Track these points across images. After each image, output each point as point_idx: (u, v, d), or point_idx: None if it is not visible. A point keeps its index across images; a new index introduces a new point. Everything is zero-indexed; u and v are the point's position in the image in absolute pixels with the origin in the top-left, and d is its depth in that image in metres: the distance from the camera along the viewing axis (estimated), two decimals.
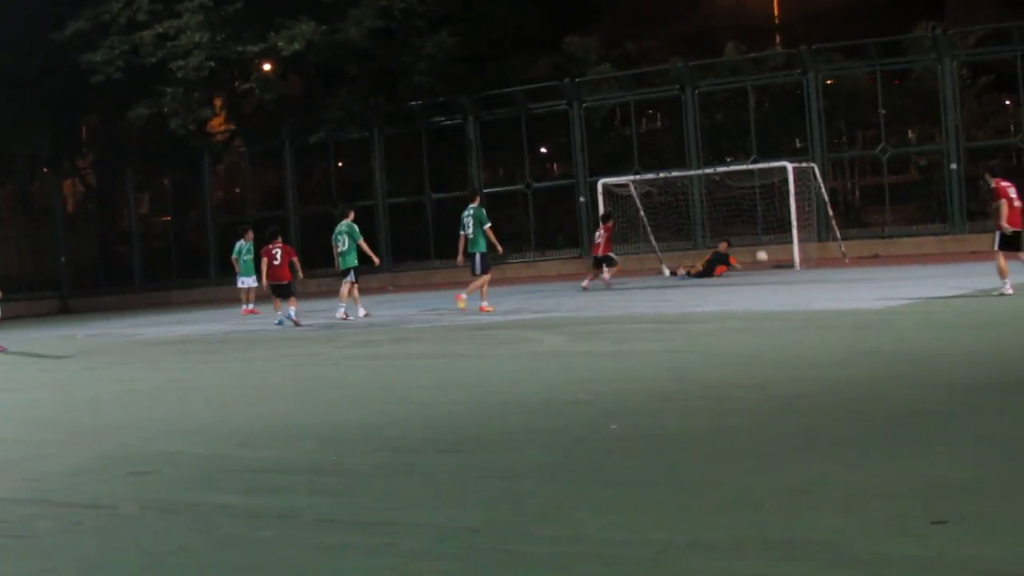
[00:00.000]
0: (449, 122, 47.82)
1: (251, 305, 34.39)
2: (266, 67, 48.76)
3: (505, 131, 47.30)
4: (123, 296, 52.11)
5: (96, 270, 55.89)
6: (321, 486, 9.01)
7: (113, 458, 10.75)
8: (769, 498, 7.56)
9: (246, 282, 34.56)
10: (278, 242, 28.96)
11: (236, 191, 57.69)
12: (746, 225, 40.04)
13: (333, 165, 52.01)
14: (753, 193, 39.39)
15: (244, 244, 35.05)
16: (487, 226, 26.23)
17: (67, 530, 8.17)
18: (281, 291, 28.85)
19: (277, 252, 28.74)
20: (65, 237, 56.14)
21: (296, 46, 43.57)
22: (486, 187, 46.98)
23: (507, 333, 20.81)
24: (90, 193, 58.86)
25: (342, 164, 52.99)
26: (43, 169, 57.71)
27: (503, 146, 48.82)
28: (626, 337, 18.90)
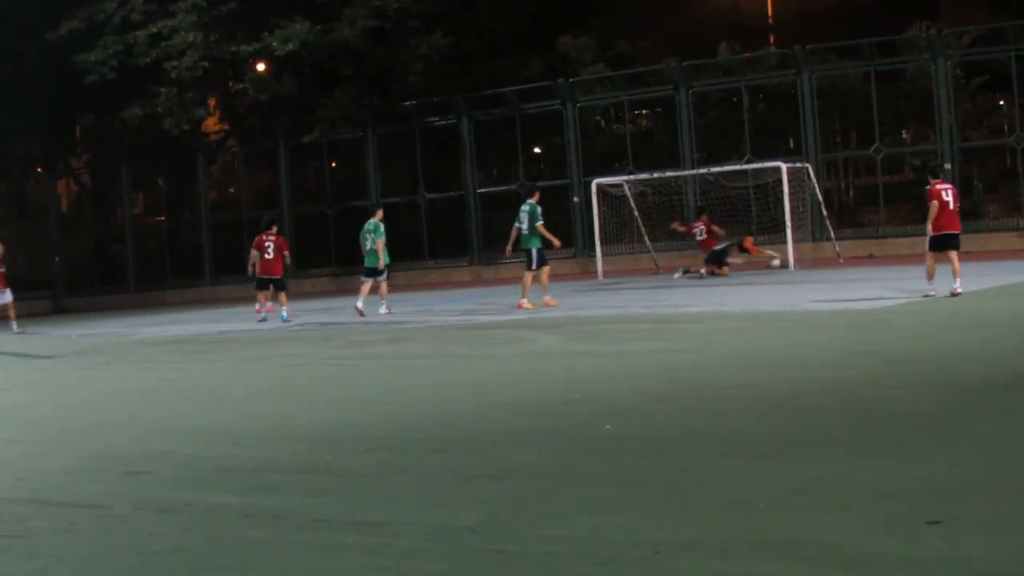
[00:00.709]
0: (443, 122, 47.79)
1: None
2: (260, 67, 48.70)
3: (499, 131, 47.27)
4: (117, 296, 52.07)
5: (90, 270, 55.82)
6: (315, 486, 9.01)
7: (108, 458, 10.74)
8: (764, 498, 7.57)
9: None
10: (272, 233, 28.86)
11: (230, 191, 57.64)
12: (740, 225, 39.99)
13: (327, 165, 51.95)
14: (747, 193, 39.37)
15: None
16: (539, 223, 26.24)
17: (62, 530, 8.17)
18: (272, 285, 28.84)
19: (270, 245, 28.68)
20: (59, 237, 56.10)
21: (290, 46, 43.51)
22: (480, 187, 47.03)
23: (503, 333, 20.81)
24: (84, 193, 58.80)
25: (336, 164, 52.94)
26: (37, 169, 57.67)
27: (497, 146, 48.80)
28: (621, 337, 18.89)
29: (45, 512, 8.73)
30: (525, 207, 26.57)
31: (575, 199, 44.10)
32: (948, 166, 38.59)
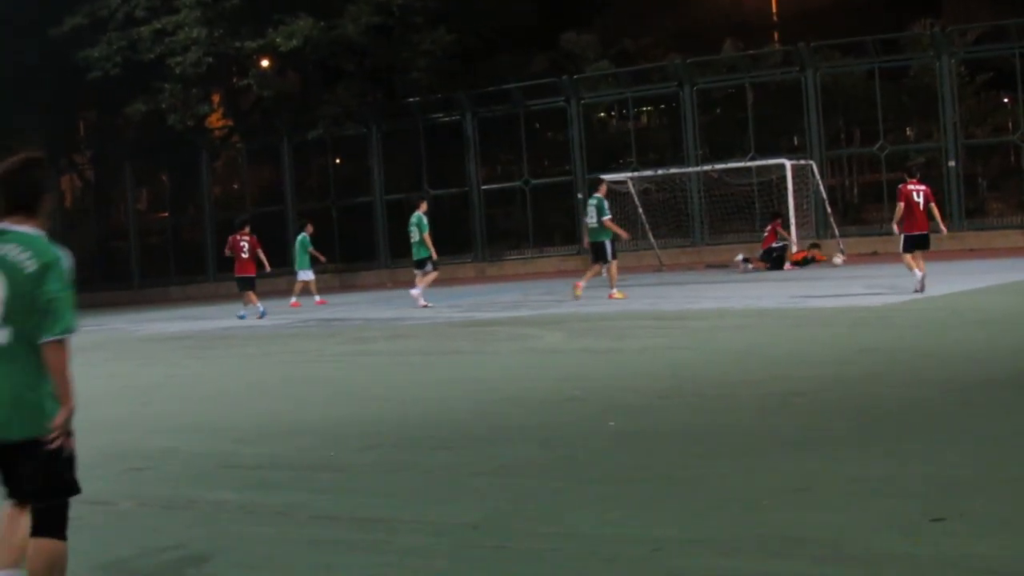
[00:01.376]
0: (447, 119, 47.75)
1: (318, 297, 34.23)
2: (264, 63, 48.70)
3: (503, 128, 47.24)
4: (121, 292, 52.07)
5: (93, 266, 55.80)
6: (317, 482, 9.02)
7: (110, 454, 10.74)
8: (766, 495, 7.56)
9: (306, 275, 34.46)
10: (246, 233, 29.07)
11: (234, 187, 57.59)
12: (744, 222, 39.97)
13: (331, 161, 51.94)
14: (751, 190, 39.37)
15: (305, 237, 34.96)
16: (607, 218, 26.22)
17: None
18: (244, 284, 29.03)
19: (245, 244, 28.86)
20: (62, 233, 56.12)
21: (294, 42, 43.49)
22: (484, 184, 47.00)
23: (505, 330, 20.81)
24: (88, 189, 58.80)
25: (340, 160, 52.93)
26: None
27: (501, 143, 48.76)
28: (624, 334, 18.89)
29: None
30: (592, 201, 26.61)
31: (579, 196, 44.04)
32: (952, 164, 38.56)
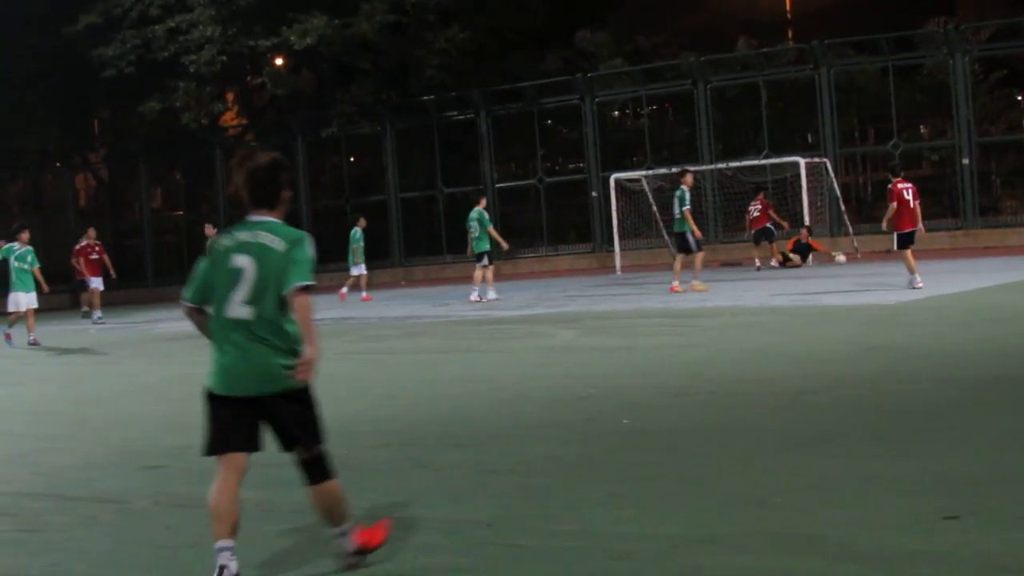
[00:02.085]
0: (461, 117, 47.76)
1: (364, 292, 34.42)
2: (278, 61, 48.77)
3: (517, 126, 47.24)
4: (135, 290, 52.16)
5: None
6: None
7: (124, 452, 10.77)
8: (779, 493, 7.56)
9: (358, 269, 34.63)
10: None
11: None
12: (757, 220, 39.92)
13: (345, 159, 52.00)
14: (765, 188, 39.33)
15: (359, 231, 35.00)
16: (686, 208, 26.27)
17: (79, 524, 8.19)
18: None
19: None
20: (77, 231, 56.21)
21: (308, 40, 43.51)
22: (498, 182, 46.98)
23: (519, 328, 20.81)
24: (102, 187, 58.94)
25: (354, 159, 52.99)
26: (55, 163, 57.79)
27: (515, 141, 48.75)
28: (638, 332, 18.89)
29: (62, 507, 8.75)
30: (676, 192, 26.68)
31: (593, 194, 44.04)
32: (966, 161, 38.49)
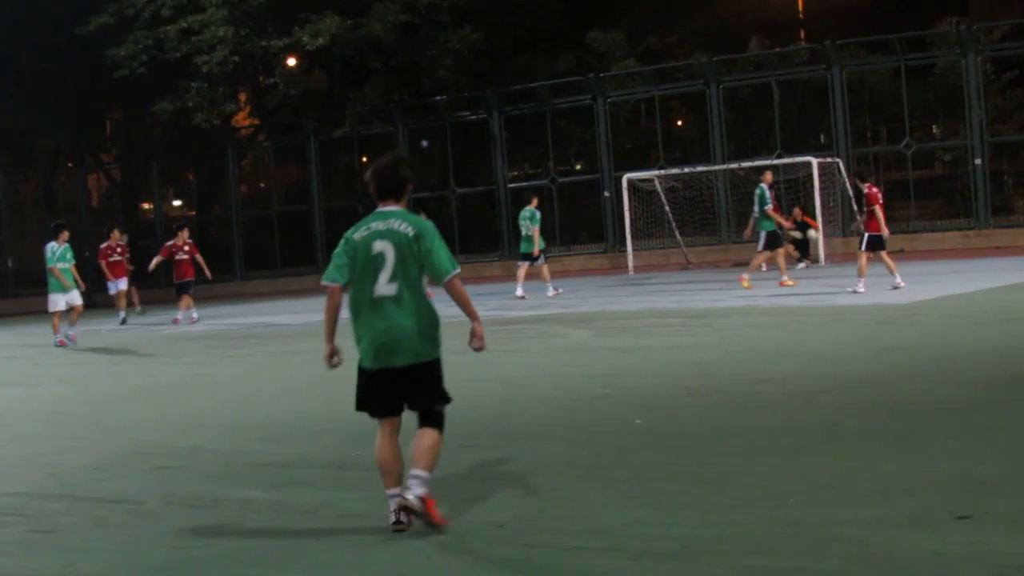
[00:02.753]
0: (473, 117, 47.74)
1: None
2: (290, 62, 48.76)
3: (529, 126, 47.20)
4: (147, 291, 52.18)
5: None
6: (344, 481, 9.05)
7: (137, 453, 10.79)
8: (793, 493, 7.56)
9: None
10: (186, 236, 29.47)
11: (261, 186, 57.72)
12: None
13: (357, 160, 51.95)
14: (778, 188, 39.27)
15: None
16: (768, 207, 26.34)
17: (92, 525, 8.21)
18: (185, 288, 29.35)
19: (187, 247, 29.28)
20: (89, 232, 56.30)
21: (320, 40, 43.51)
22: (510, 182, 46.96)
23: (532, 328, 20.79)
24: (114, 188, 58.97)
25: (366, 159, 52.93)
26: (67, 164, 57.86)
27: (527, 141, 48.72)
28: (651, 332, 18.89)
29: (75, 507, 8.77)
30: (757, 191, 26.82)
31: (606, 194, 44.00)
32: (979, 162, 38.42)
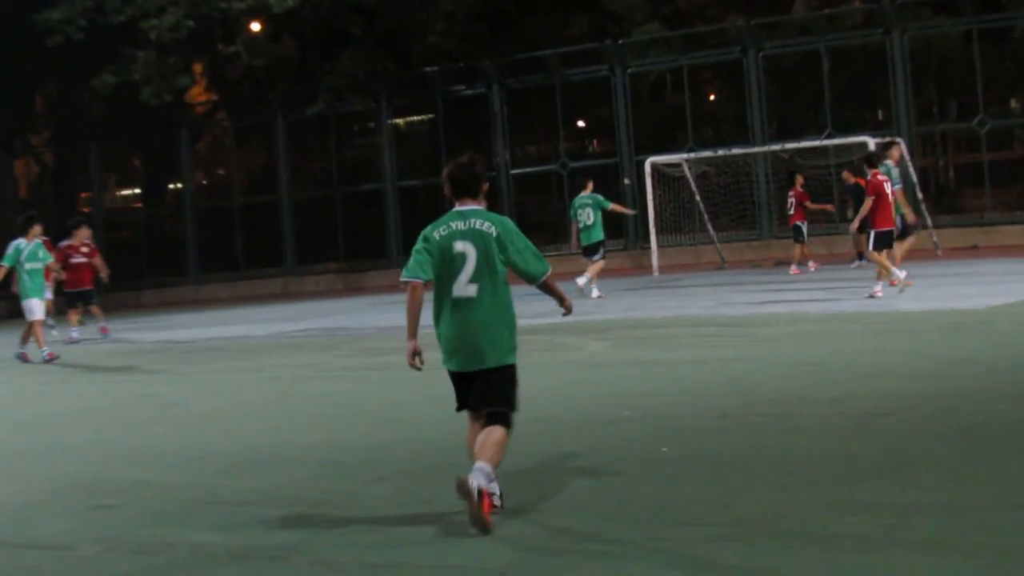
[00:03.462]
0: (470, 91, 47.74)
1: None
2: (254, 27, 48.78)
3: (536, 102, 47.22)
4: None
5: None
6: (319, 521, 9.00)
7: (73, 488, 10.75)
8: (850, 534, 7.51)
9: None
10: (85, 236, 29.20)
11: (220, 173, 57.76)
12: (820, 211, 39.84)
13: (333, 142, 52.02)
14: (828, 174, 39.17)
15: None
16: (897, 187, 26.34)
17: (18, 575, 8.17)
18: (82, 299, 29.03)
19: (84, 250, 29.02)
20: (12, 226, 56.27)
21: (290, 2, 43.52)
22: (514, 167, 46.95)
23: (541, 339, 20.73)
24: (46, 175, 58.98)
25: (344, 141, 53.02)
26: None
27: (533, 119, 48.77)
28: (679, 343, 18.86)
29: None
30: (881, 168, 26.77)
31: (626, 181, 44.02)
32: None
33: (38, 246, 24.63)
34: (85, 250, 29.00)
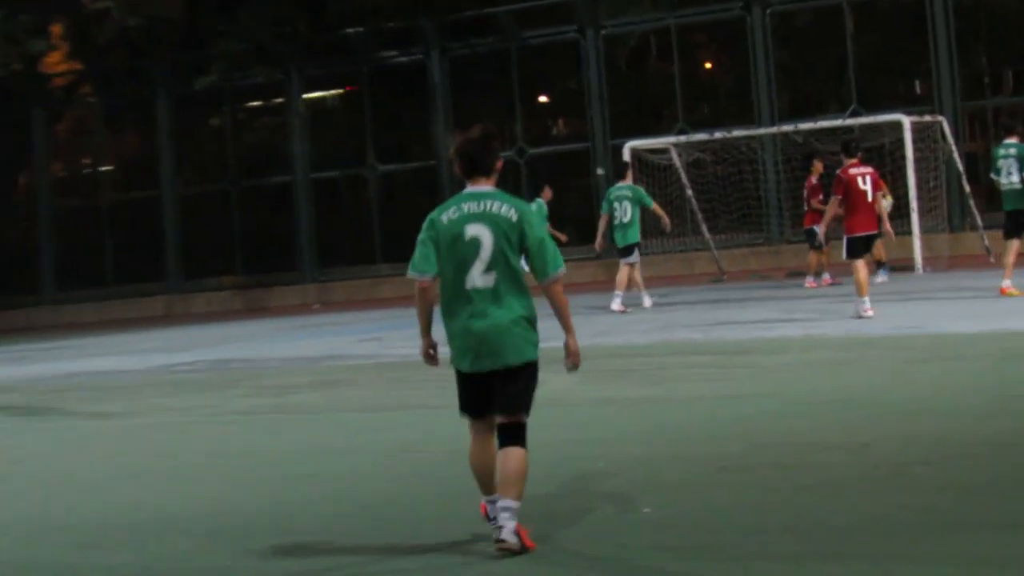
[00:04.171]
0: (403, 59, 47.75)
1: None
2: None
3: (486, 72, 47.27)
4: None
5: None
6: None
7: None
8: None
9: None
10: None
11: (84, 162, 57.47)
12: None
13: (230, 123, 51.94)
14: (822, 157, 39.33)
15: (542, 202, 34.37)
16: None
17: None
18: None
19: None
20: None
21: None
22: None
23: None
24: None
25: (243, 122, 52.95)
26: None
27: (483, 94, 48.82)
28: (668, 376, 18.89)
29: None
30: (1014, 150, 26.78)
31: (599, 171, 44.10)
32: None
33: None
34: None
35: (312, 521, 11.14)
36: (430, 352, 9.94)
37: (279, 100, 49.75)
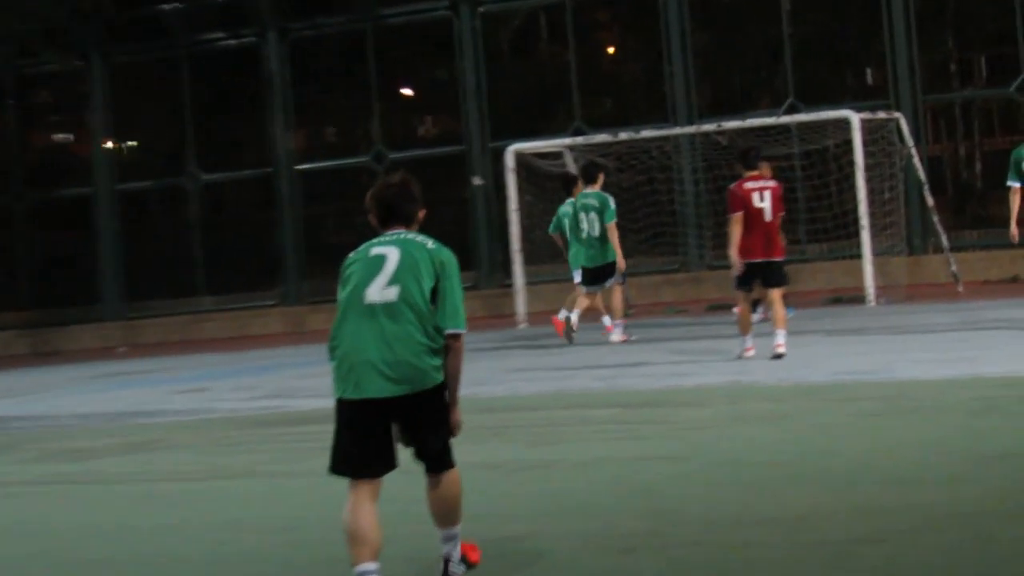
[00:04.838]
0: (233, 42, 47.78)
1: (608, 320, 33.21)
2: None
3: (337, 58, 47.35)
4: None
5: None
6: None
7: None
8: None
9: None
10: None
11: None
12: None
13: (14, 122, 51.76)
14: (791, 167, 39.60)
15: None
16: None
17: None
18: None
19: None
20: None
21: None
22: (302, 161, 46.85)
23: (325, 430, 20.64)
24: None
25: (32, 120, 52.79)
26: None
27: (333, 85, 48.89)
28: (558, 435, 18.90)
29: None
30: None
31: (476, 180, 44.24)
32: None
33: None
34: None
35: None
36: None
37: (77, 93, 49.62)
